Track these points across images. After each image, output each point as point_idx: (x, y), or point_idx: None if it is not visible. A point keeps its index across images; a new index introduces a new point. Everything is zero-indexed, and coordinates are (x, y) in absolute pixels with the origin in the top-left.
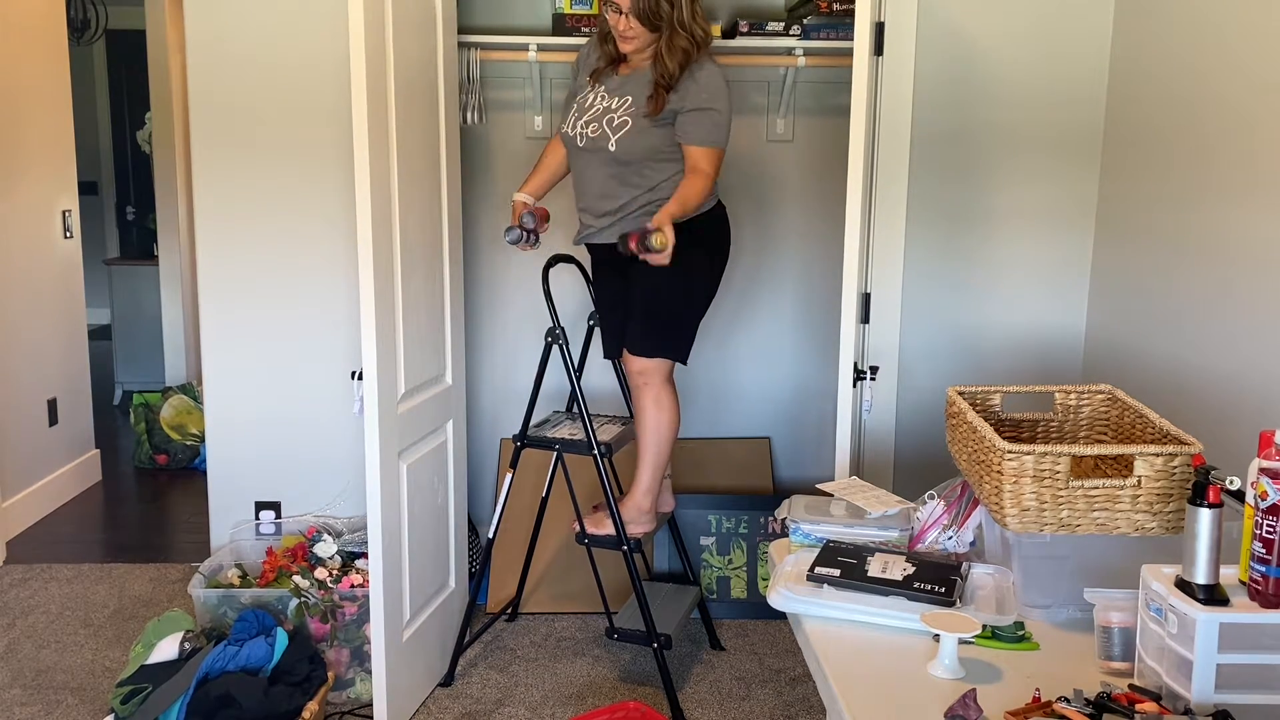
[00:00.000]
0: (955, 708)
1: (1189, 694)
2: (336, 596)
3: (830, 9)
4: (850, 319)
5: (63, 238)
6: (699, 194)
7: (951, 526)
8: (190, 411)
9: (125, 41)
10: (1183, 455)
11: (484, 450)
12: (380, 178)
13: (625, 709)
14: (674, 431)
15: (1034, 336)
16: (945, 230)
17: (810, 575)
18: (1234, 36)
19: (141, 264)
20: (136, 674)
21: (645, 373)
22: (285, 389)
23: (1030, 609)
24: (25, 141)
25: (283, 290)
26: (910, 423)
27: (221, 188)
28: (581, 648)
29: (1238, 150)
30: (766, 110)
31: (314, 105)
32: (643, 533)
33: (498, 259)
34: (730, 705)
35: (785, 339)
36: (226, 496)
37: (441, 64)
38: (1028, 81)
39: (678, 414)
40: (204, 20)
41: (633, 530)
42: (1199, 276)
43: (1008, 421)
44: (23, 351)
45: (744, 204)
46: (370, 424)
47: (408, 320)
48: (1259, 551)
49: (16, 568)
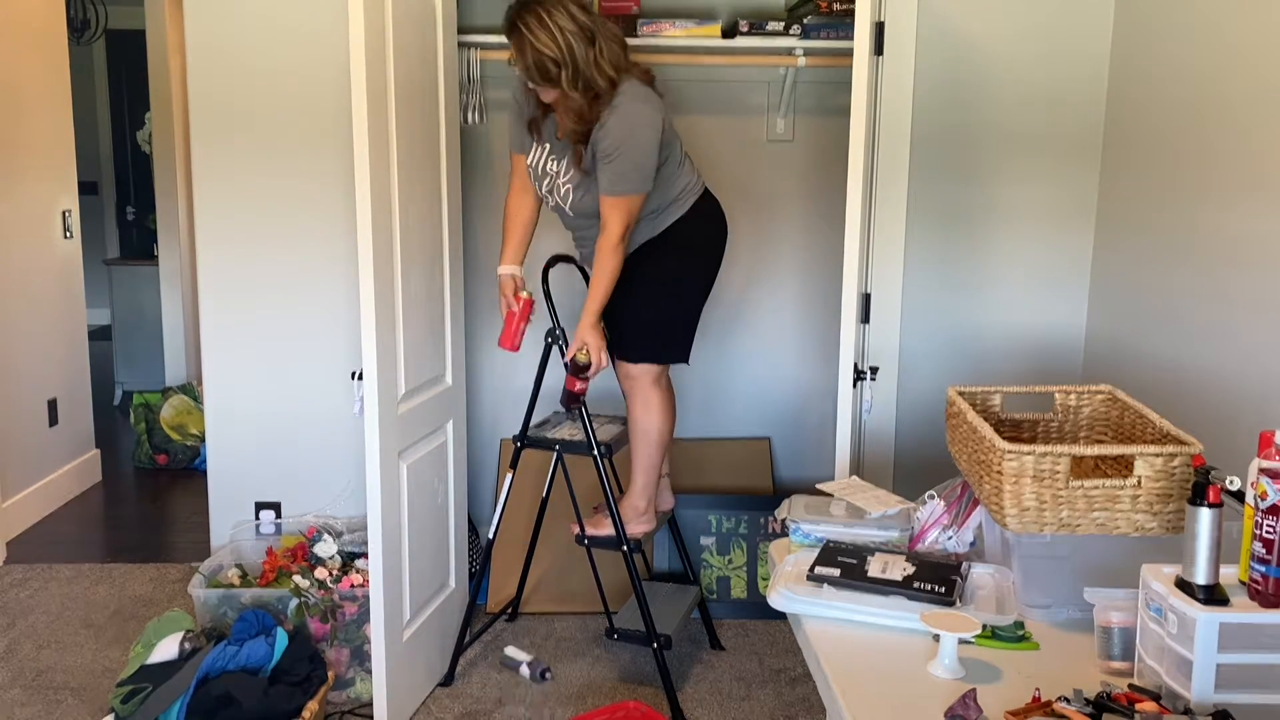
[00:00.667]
0: (955, 708)
1: (1189, 694)
2: (336, 596)
3: (830, 9)
4: (850, 319)
5: (63, 238)
6: (610, 270)
7: (951, 526)
8: (190, 411)
9: (125, 41)
10: (1183, 455)
11: (484, 450)
12: (380, 177)
13: (625, 709)
14: (664, 433)
15: (1034, 336)
16: (945, 230)
17: (810, 575)
18: (1234, 37)
19: (141, 264)
20: (136, 674)
21: (630, 377)
22: (285, 389)
23: (1030, 609)
24: (25, 141)
25: (283, 290)
26: (910, 423)
27: (221, 188)
28: (581, 648)
29: (1238, 150)
30: (766, 110)
31: (314, 105)
32: (643, 532)
33: (497, 258)
34: (730, 705)
35: (785, 339)
36: (226, 496)
37: (442, 64)
38: (1028, 81)
39: (668, 415)
40: (204, 21)
41: (632, 530)
42: (1199, 276)
43: (1008, 421)
44: (23, 351)
45: (744, 204)
46: (370, 424)
47: (408, 320)
48: (1259, 551)
49: (16, 568)
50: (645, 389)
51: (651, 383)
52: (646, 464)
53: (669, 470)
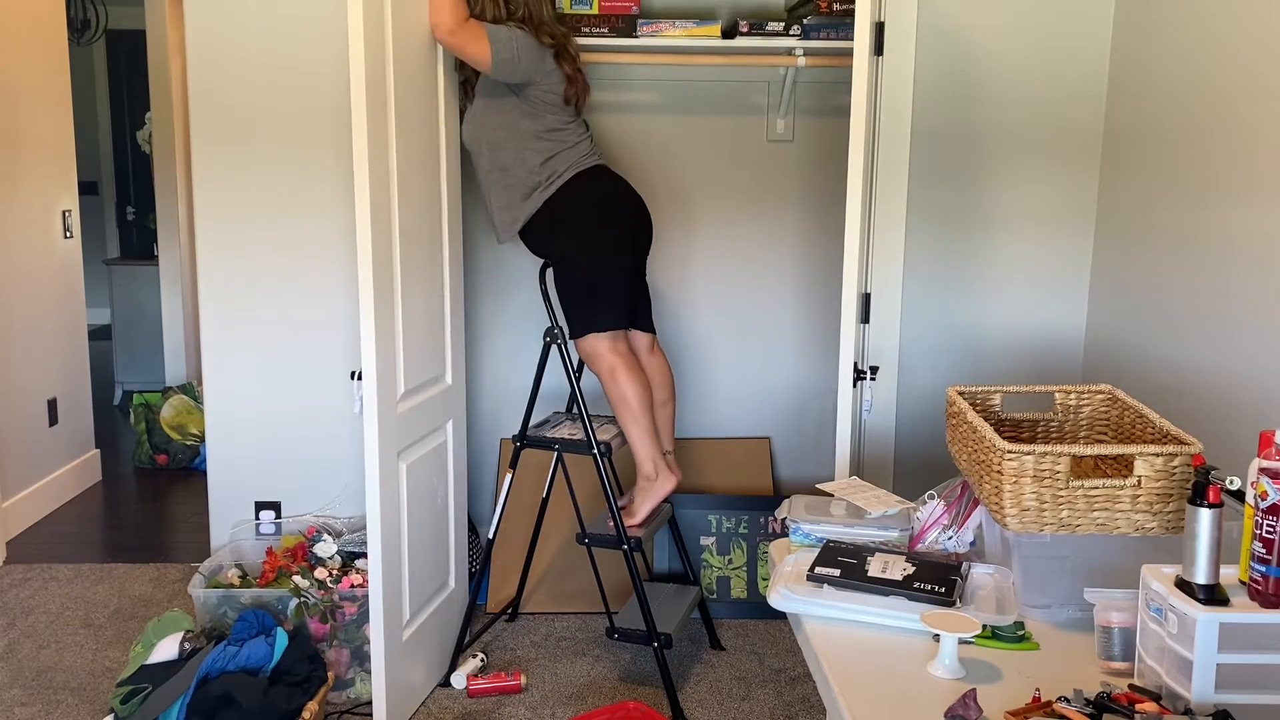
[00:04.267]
0: (955, 708)
1: (1189, 694)
2: (336, 596)
3: (830, 9)
4: (850, 319)
5: (63, 238)
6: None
7: (951, 526)
8: (190, 411)
9: (125, 41)
10: (1183, 455)
11: (484, 450)
12: (379, 178)
13: (625, 709)
14: (639, 395)
15: (1034, 336)
16: (945, 230)
17: (810, 575)
18: (1234, 36)
19: (141, 264)
20: (136, 674)
21: (586, 354)
22: (285, 389)
23: (1030, 609)
24: (25, 141)
25: (283, 290)
26: (910, 423)
27: (221, 188)
28: (581, 648)
29: (1238, 150)
30: (766, 110)
31: (314, 105)
32: (669, 491)
33: (498, 259)
34: (730, 705)
35: (785, 339)
36: (226, 496)
37: (442, 63)
38: (1028, 81)
39: (635, 377)
40: (204, 21)
41: (661, 490)
42: (1199, 276)
43: (1008, 421)
44: (23, 351)
45: (744, 204)
46: (369, 424)
47: (407, 320)
48: (1259, 551)
49: (16, 568)
50: (603, 359)
51: (607, 351)
52: (636, 430)
53: (671, 448)
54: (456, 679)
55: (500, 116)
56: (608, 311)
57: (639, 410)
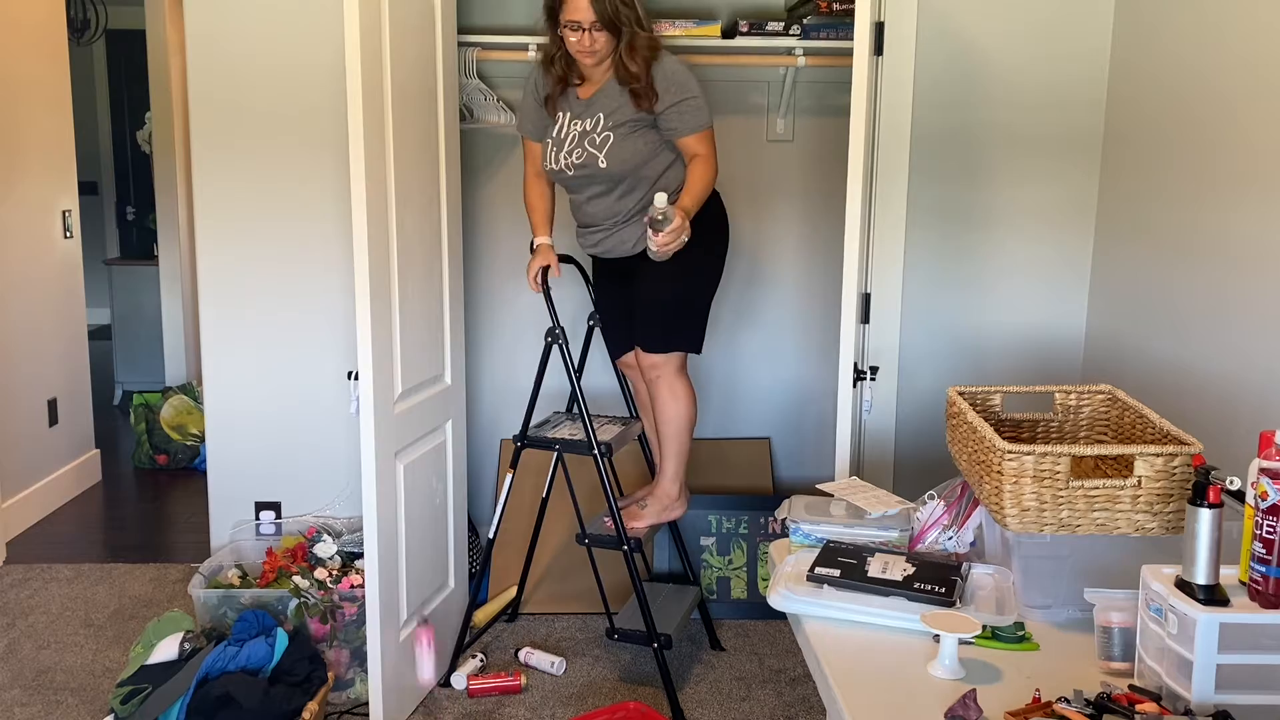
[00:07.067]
0: (955, 708)
1: (1189, 694)
2: (336, 597)
3: (830, 9)
4: (850, 319)
5: (63, 238)
6: (707, 180)
7: (951, 526)
8: (190, 411)
9: (125, 41)
10: (1183, 455)
11: (484, 450)
12: (376, 178)
13: (625, 709)
14: (692, 419)
15: (1034, 336)
16: (945, 230)
17: (810, 575)
18: (1234, 36)
19: (141, 264)
20: (136, 674)
21: (657, 367)
22: (286, 389)
23: (1030, 609)
24: (25, 141)
25: (283, 290)
26: (910, 423)
27: (221, 188)
28: (581, 648)
29: (1238, 150)
30: (766, 110)
31: (314, 105)
32: (677, 517)
33: (498, 258)
34: (730, 705)
35: (785, 339)
36: (226, 496)
37: (441, 63)
38: (1028, 82)
39: (694, 402)
40: (204, 20)
41: (671, 514)
42: (1199, 276)
43: (1008, 421)
44: (23, 351)
45: (744, 204)
46: (365, 424)
47: (404, 320)
48: (1259, 551)
49: (16, 568)
50: (671, 378)
51: (676, 371)
52: (678, 451)
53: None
54: (456, 679)
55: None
56: (699, 333)
57: (685, 433)
